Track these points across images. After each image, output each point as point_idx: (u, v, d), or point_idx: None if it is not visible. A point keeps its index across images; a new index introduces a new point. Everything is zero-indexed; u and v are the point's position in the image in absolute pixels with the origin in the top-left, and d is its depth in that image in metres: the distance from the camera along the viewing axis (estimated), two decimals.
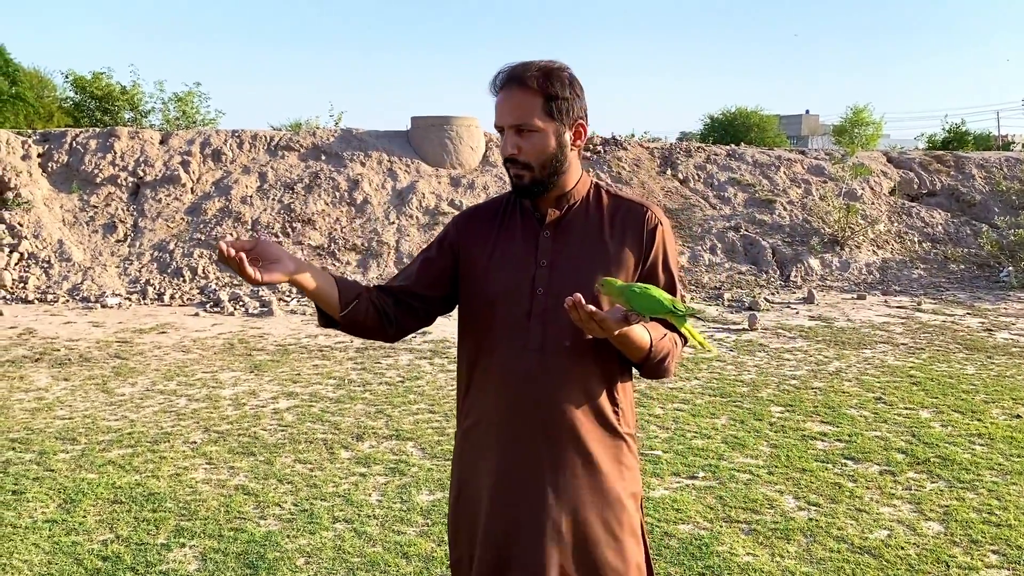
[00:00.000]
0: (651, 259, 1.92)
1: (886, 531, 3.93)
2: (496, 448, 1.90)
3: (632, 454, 1.95)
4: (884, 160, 16.24)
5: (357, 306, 1.91)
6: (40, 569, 3.46)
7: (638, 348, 1.82)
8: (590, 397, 1.88)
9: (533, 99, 1.84)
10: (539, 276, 1.89)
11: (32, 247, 11.30)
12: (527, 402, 1.87)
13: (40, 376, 6.79)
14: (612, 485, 1.88)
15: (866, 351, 8.02)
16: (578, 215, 1.93)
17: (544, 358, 1.86)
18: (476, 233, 2.00)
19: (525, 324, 1.88)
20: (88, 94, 19.41)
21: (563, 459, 1.86)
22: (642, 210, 1.93)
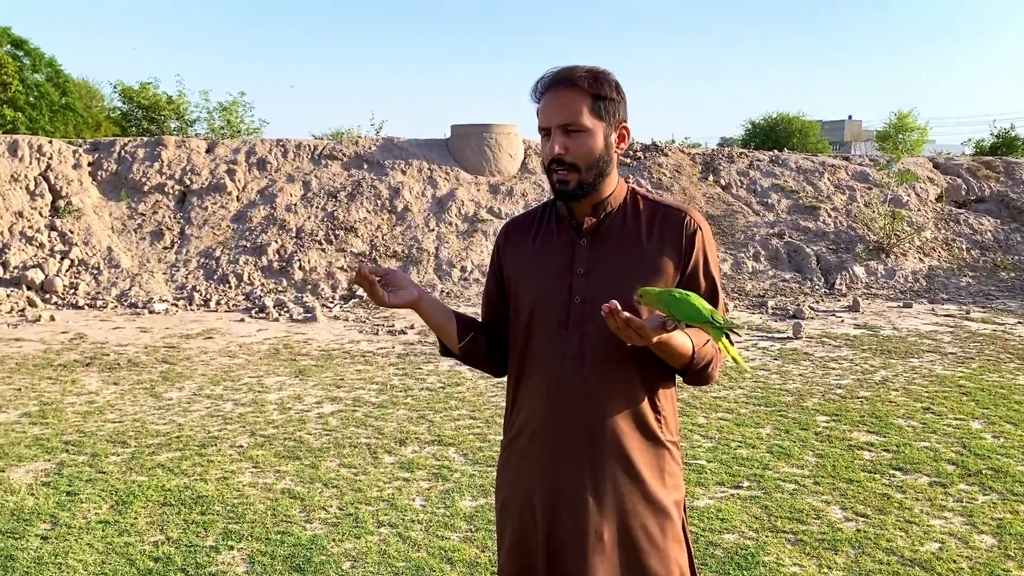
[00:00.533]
0: (691, 265, 1.88)
1: (937, 544, 3.86)
2: (538, 458, 1.90)
3: (675, 461, 1.93)
4: (930, 166, 15.96)
5: (473, 338, 2.01)
6: (94, 569, 3.54)
7: (680, 354, 1.80)
8: (631, 405, 1.86)
9: (582, 98, 1.83)
10: (576, 284, 1.88)
11: (82, 254, 11.56)
12: (567, 411, 1.86)
13: (91, 380, 6.94)
14: (655, 493, 1.86)
15: (913, 360, 7.89)
16: (615, 222, 1.91)
17: (583, 366, 1.86)
18: (515, 244, 2.01)
19: (563, 333, 1.87)
20: (135, 104, 19.84)
21: (605, 467, 1.85)
22: (681, 215, 1.90)
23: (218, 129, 18.82)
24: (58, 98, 23.53)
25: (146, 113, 19.56)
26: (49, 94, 23.14)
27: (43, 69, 24.04)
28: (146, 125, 19.32)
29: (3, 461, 4.87)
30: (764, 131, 27.57)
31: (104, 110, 25.83)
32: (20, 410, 5.98)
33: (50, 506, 4.19)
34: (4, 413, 5.90)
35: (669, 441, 1.91)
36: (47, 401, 6.22)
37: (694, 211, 1.93)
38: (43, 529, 3.93)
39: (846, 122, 58.53)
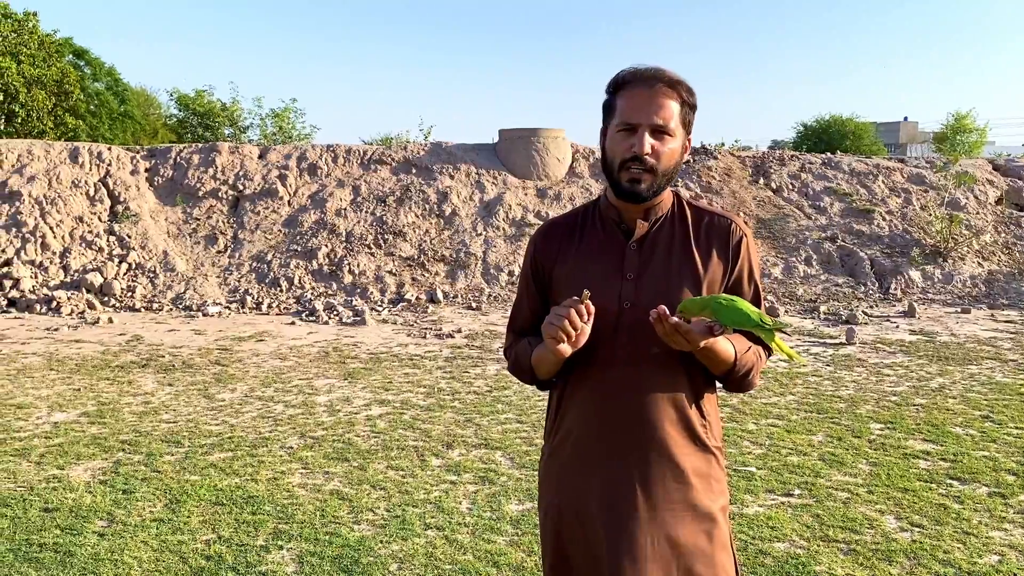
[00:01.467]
0: (737, 271, 1.89)
1: (996, 556, 3.75)
2: (585, 465, 1.88)
3: (720, 467, 1.93)
4: (989, 168, 15.55)
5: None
6: (148, 566, 3.61)
7: (723, 360, 1.81)
8: (679, 410, 1.86)
9: (676, 103, 1.83)
10: (625, 290, 1.86)
11: (139, 258, 11.85)
12: (615, 416, 1.85)
13: (147, 381, 7.10)
14: (703, 499, 1.86)
15: (972, 367, 7.68)
16: (664, 228, 1.91)
17: (632, 372, 1.85)
18: (555, 249, 1.97)
19: (612, 339, 1.85)
20: (191, 111, 20.29)
21: (653, 473, 1.84)
22: (727, 223, 1.91)
23: (270, 135, 19.16)
24: (117, 106, 24.16)
25: (201, 120, 20.01)
26: (108, 102, 23.77)
27: (103, 78, 24.71)
28: (201, 132, 19.75)
29: (63, 459, 5.00)
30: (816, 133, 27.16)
31: (161, 117, 26.46)
32: (79, 410, 6.14)
33: (107, 504, 4.30)
34: (64, 413, 6.07)
35: (715, 447, 1.91)
36: (105, 401, 6.38)
37: (738, 218, 1.94)
38: (100, 526, 4.03)
39: (901, 123, 57.32)
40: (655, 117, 1.80)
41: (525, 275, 2.05)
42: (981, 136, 21.63)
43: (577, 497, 1.89)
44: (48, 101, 19.71)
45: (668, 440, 1.84)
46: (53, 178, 12.69)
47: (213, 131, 19.68)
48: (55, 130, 19.79)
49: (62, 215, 12.22)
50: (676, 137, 1.83)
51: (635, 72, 1.84)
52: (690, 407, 1.87)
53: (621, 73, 1.87)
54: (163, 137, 24.59)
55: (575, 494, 1.89)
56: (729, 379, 1.87)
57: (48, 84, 19.83)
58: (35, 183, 12.53)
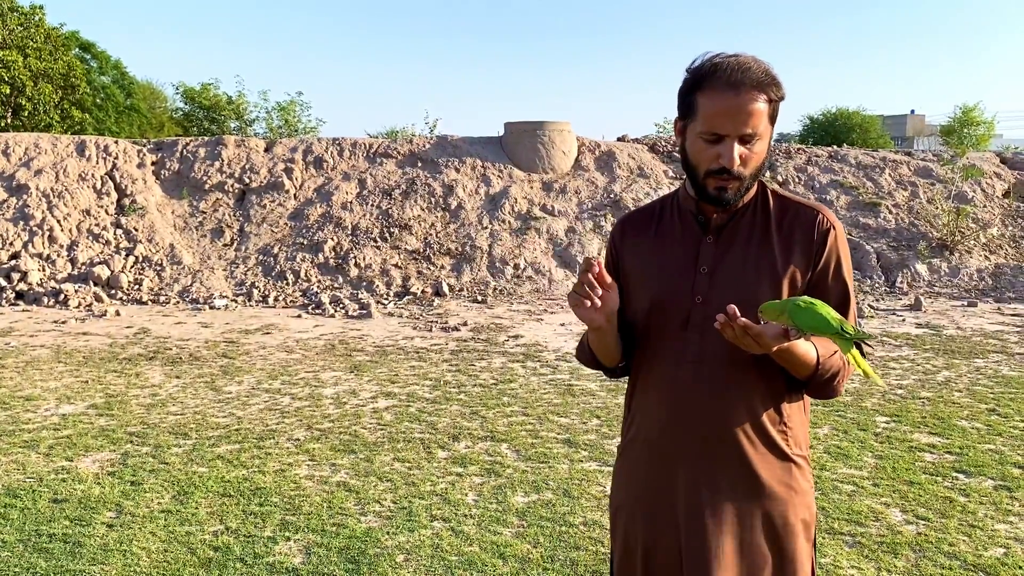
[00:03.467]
0: (820, 266, 1.76)
1: (1002, 549, 3.75)
2: (653, 465, 1.82)
3: (804, 478, 1.81)
4: (997, 161, 15.49)
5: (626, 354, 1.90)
6: (157, 557, 3.64)
7: (803, 364, 1.70)
8: (752, 414, 1.76)
9: (765, 105, 1.69)
10: (698, 284, 1.78)
11: (146, 251, 11.88)
12: (684, 417, 1.77)
13: (154, 374, 7.13)
14: (778, 509, 1.76)
15: (978, 361, 7.67)
16: (744, 219, 1.80)
17: (701, 370, 1.76)
18: (633, 240, 1.91)
19: (683, 334, 1.78)
20: (197, 104, 20.32)
21: (723, 478, 1.76)
22: (813, 213, 1.78)
23: (276, 128, 19.18)
24: (123, 99, 24.22)
25: (207, 113, 20.04)
26: (115, 96, 23.83)
27: (109, 71, 24.77)
28: (207, 125, 19.78)
29: (71, 451, 5.04)
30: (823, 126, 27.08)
31: (167, 111, 26.51)
32: (87, 402, 6.17)
33: (115, 495, 4.32)
34: (72, 405, 6.10)
35: (797, 455, 1.80)
36: (112, 393, 6.42)
37: (828, 211, 1.81)
38: (108, 517, 4.06)
39: (908, 117, 57.12)
40: (744, 127, 1.68)
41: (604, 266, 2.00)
42: (988, 129, 21.54)
43: (645, 499, 1.83)
44: (55, 94, 19.75)
45: (739, 443, 1.75)
46: (60, 171, 12.73)
47: (219, 124, 19.71)
48: (61, 123, 19.84)
49: (69, 208, 12.27)
50: (764, 138, 1.72)
51: (719, 67, 1.69)
52: (766, 411, 1.77)
53: (703, 65, 1.72)
54: (169, 130, 24.64)
55: (643, 495, 1.84)
56: (811, 384, 1.76)
57: (55, 77, 19.87)
58: (42, 176, 12.57)
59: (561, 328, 9.26)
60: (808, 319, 1.57)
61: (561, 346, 8.29)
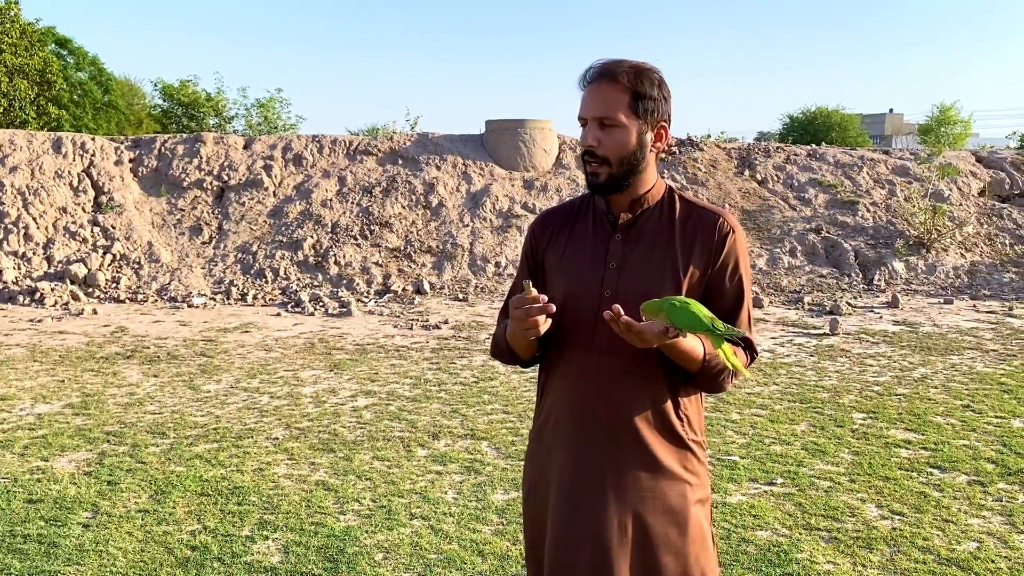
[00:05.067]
0: (719, 266, 1.89)
1: (975, 543, 3.80)
2: (562, 448, 1.93)
3: (699, 461, 1.94)
4: (973, 160, 15.66)
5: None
6: (134, 557, 3.61)
7: (689, 359, 1.82)
8: (654, 402, 1.88)
9: (621, 94, 1.84)
10: (607, 278, 1.90)
11: (124, 249, 11.78)
12: (591, 403, 1.89)
13: (132, 372, 7.08)
14: (676, 490, 1.88)
15: (953, 357, 7.76)
16: (650, 219, 1.93)
17: (609, 360, 1.88)
18: (550, 235, 2.03)
19: (592, 326, 1.89)
20: (175, 101, 20.16)
21: (625, 462, 1.87)
22: (715, 217, 1.92)
23: (256, 125, 19.06)
24: (101, 96, 23.96)
25: (186, 110, 19.89)
26: (92, 92, 23.58)
27: (86, 67, 24.50)
28: (186, 122, 19.64)
29: (47, 451, 4.99)
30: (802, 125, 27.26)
31: (145, 107, 26.27)
32: (63, 401, 6.12)
33: (91, 495, 4.29)
34: (48, 404, 6.04)
35: (692, 440, 1.93)
36: (89, 393, 6.36)
37: (729, 215, 1.94)
38: (84, 517, 4.02)
39: (887, 115, 57.63)
40: (598, 110, 1.85)
41: (522, 260, 2.11)
42: (965, 128, 21.80)
43: (551, 478, 1.94)
44: (31, 90, 19.53)
45: (640, 429, 1.87)
46: (36, 168, 12.59)
47: (198, 121, 19.57)
48: (38, 120, 19.62)
49: (45, 206, 12.14)
50: (625, 126, 1.85)
51: (585, 71, 1.89)
52: (666, 399, 1.89)
53: (585, 70, 1.91)
54: (147, 127, 24.42)
55: (550, 475, 1.95)
56: (699, 378, 1.88)
57: (30, 73, 19.65)
58: (17, 173, 12.43)
59: None
60: (681, 317, 1.69)
61: None
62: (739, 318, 1.91)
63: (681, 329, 1.71)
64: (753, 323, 1.98)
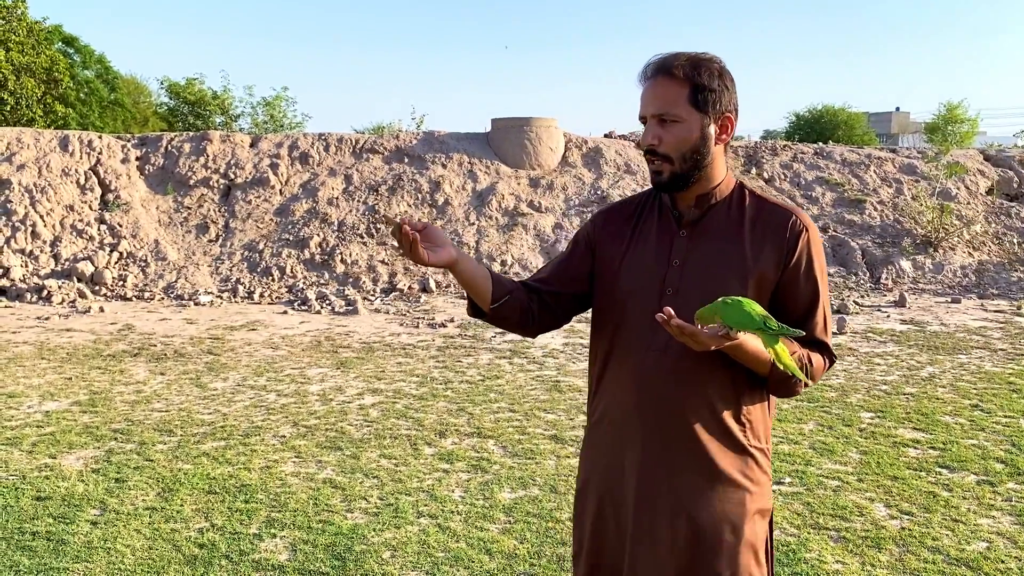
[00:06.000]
0: (791, 266, 1.80)
1: (985, 543, 3.78)
2: (615, 447, 1.88)
3: (761, 469, 1.86)
4: (981, 158, 15.60)
5: (507, 302, 1.93)
6: (142, 554, 3.62)
7: (756, 362, 1.75)
8: (711, 405, 1.81)
9: (679, 88, 1.78)
10: (670, 276, 1.84)
11: (130, 247, 11.80)
12: (647, 403, 1.83)
13: (139, 370, 7.09)
14: (733, 498, 1.81)
15: (961, 356, 7.73)
16: (718, 216, 1.86)
17: (667, 360, 1.81)
18: (613, 230, 1.97)
19: (651, 324, 1.82)
20: (182, 99, 20.18)
21: (679, 465, 1.81)
22: (787, 214, 1.83)
23: (262, 124, 19.08)
24: (107, 94, 24.02)
25: (192, 108, 19.91)
26: (98, 90, 23.63)
27: (93, 66, 24.55)
28: (192, 120, 19.66)
29: (55, 448, 5.00)
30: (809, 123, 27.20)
31: (151, 106, 26.31)
32: (71, 399, 6.13)
33: (99, 492, 4.30)
34: (56, 402, 6.05)
35: (754, 447, 1.85)
36: (96, 390, 6.37)
37: (803, 213, 1.86)
38: (92, 515, 4.03)
39: (893, 114, 57.46)
40: (656, 107, 1.80)
41: (572, 241, 2.04)
42: (973, 126, 21.71)
43: (607, 478, 1.89)
44: (37, 89, 19.57)
45: (696, 433, 1.80)
46: (43, 166, 12.62)
47: (204, 120, 19.59)
48: (44, 118, 19.67)
49: (52, 204, 12.16)
50: (685, 120, 1.78)
51: (643, 68, 1.83)
52: (726, 403, 1.82)
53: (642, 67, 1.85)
54: (153, 125, 24.46)
55: (605, 475, 1.90)
56: (770, 382, 1.81)
57: (37, 72, 19.69)
58: (25, 171, 12.46)
59: None
60: (732, 315, 1.62)
61: (548, 342, 8.30)
62: (813, 321, 1.84)
63: (732, 328, 1.63)
64: (831, 327, 1.88)
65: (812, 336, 1.85)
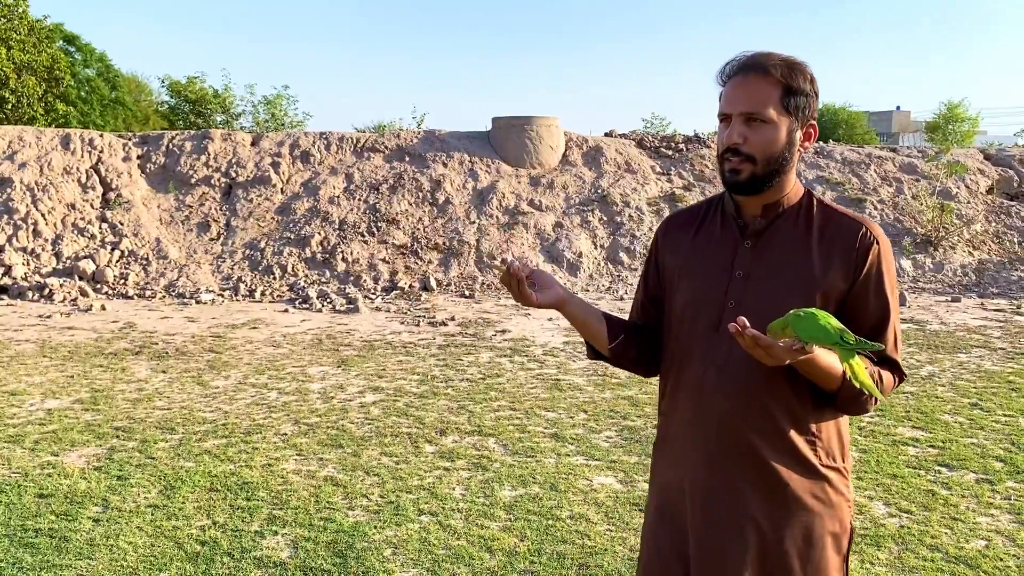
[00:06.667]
0: (860, 280, 1.71)
1: (983, 541, 3.80)
2: (679, 465, 1.82)
3: (834, 489, 1.76)
4: (981, 157, 15.61)
5: (624, 340, 1.90)
6: (144, 551, 3.64)
7: (828, 377, 1.65)
8: (774, 421, 1.72)
9: (772, 88, 1.70)
10: (732, 288, 1.76)
11: (132, 245, 11.82)
12: (706, 420, 1.76)
13: (140, 368, 7.11)
14: (805, 520, 1.73)
15: (961, 355, 7.74)
16: (784, 226, 1.77)
17: (726, 374, 1.74)
18: (675, 241, 1.91)
19: (713, 336, 1.76)
20: (183, 98, 20.19)
21: (741, 485, 1.74)
22: (857, 225, 1.74)
23: (263, 122, 19.10)
24: (108, 92, 24.04)
25: (193, 107, 19.92)
26: (100, 89, 23.65)
27: (94, 64, 24.57)
28: (193, 119, 19.67)
29: (57, 446, 5.02)
30: None
31: (152, 104, 26.33)
32: (73, 397, 6.15)
33: (102, 490, 4.31)
34: (58, 400, 6.07)
35: (826, 467, 1.75)
36: (98, 388, 6.39)
37: (873, 224, 1.77)
38: (95, 512, 4.05)
39: (894, 113, 57.45)
40: (746, 105, 1.71)
41: (645, 264, 2.00)
42: (973, 125, 21.73)
43: (672, 495, 1.84)
44: (39, 87, 19.59)
45: (760, 452, 1.73)
46: (44, 165, 12.64)
47: (205, 118, 19.60)
48: (46, 116, 19.68)
49: (54, 202, 12.18)
50: (775, 123, 1.71)
51: (731, 60, 1.77)
52: (792, 420, 1.73)
53: (725, 63, 1.78)
54: (155, 124, 24.48)
55: (671, 495, 1.85)
56: (839, 398, 1.71)
57: (38, 70, 19.71)
58: (26, 170, 12.47)
59: (548, 323, 9.28)
60: (807, 328, 1.53)
61: (548, 341, 8.31)
62: (884, 337, 1.73)
63: (806, 342, 1.54)
64: (901, 344, 1.80)
65: (882, 353, 1.75)
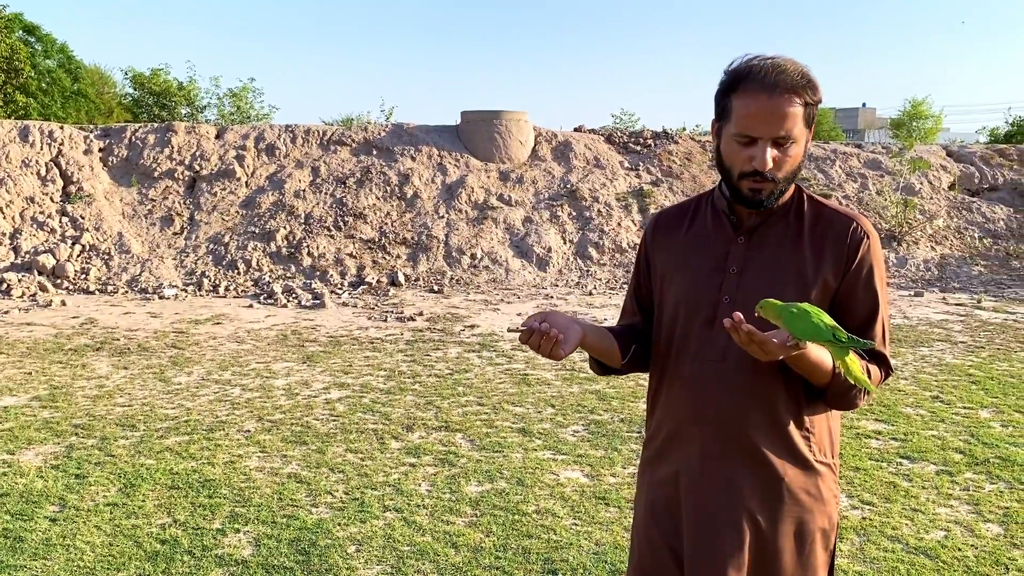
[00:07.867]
0: (851, 275, 1.73)
1: (943, 532, 3.85)
2: (672, 460, 1.82)
3: (826, 484, 1.79)
4: (943, 154, 15.84)
5: (635, 351, 1.92)
6: (102, 551, 3.56)
7: (818, 373, 1.67)
8: (772, 417, 1.74)
9: (799, 108, 1.68)
10: (727, 283, 1.77)
11: (93, 239, 11.61)
12: (703, 415, 1.77)
13: (101, 364, 6.98)
14: (799, 515, 1.76)
15: (923, 349, 7.85)
16: (777, 222, 1.79)
17: (722, 369, 1.75)
18: (665, 238, 1.91)
19: (708, 333, 1.77)
20: (146, 90, 19.88)
21: (738, 479, 1.75)
22: (847, 221, 1.76)
23: (228, 115, 18.86)
24: (70, 84, 23.57)
25: (157, 99, 19.61)
26: (61, 80, 23.19)
27: (55, 55, 24.08)
28: (157, 111, 19.37)
29: (13, 444, 4.91)
30: None
31: (116, 96, 25.88)
32: (31, 394, 6.02)
33: (59, 488, 4.23)
34: (15, 397, 5.95)
35: (819, 462, 1.78)
36: (57, 385, 6.27)
37: (864, 219, 1.78)
38: (52, 511, 3.96)
39: (860, 110, 58.19)
40: (777, 130, 1.67)
41: (635, 264, 1.99)
42: (936, 123, 22.02)
43: (666, 493, 1.84)
44: None
45: (757, 447, 1.74)
46: (2, 157, 12.37)
47: (169, 111, 19.31)
48: (4, 108, 19.27)
49: (12, 195, 11.93)
50: (799, 141, 1.71)
51: (753, 69, 1.68)
52: (787, 414, 1.75)
53: (739, 67, 1.71)
54: (118, 116, 24.06)
55: (665, 490, 1.84)
56: (829, 394, 1.73)
57: None
58: None
59: (517, 318, 9.27)
60: (800, 325, 1.54)
61: (516, 336, 8.30)
62: (872, 331, 1.75)
63: (800, 339, 1.55)
64: (890, 337, 1.82)
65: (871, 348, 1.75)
